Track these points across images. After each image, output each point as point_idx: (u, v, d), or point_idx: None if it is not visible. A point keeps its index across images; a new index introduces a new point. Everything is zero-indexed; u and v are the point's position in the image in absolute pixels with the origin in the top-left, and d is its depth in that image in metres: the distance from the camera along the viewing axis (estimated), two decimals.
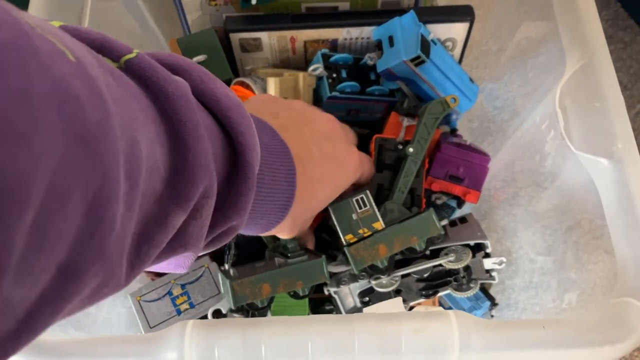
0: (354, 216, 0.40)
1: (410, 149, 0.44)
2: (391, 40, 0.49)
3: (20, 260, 0.15)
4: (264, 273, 0.38)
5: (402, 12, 0.51)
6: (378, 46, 0.50)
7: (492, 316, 0.53)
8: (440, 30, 0.51)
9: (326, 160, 0.37)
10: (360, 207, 0.41)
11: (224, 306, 0.43)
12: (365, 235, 0.40)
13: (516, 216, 0.56)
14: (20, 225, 0.14)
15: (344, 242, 0.40)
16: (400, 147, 0.47)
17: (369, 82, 0.52)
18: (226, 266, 0.44)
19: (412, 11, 0.49)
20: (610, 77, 0.36)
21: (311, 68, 0.51)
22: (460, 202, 0.50)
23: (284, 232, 0.37)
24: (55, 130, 0.15)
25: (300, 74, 0.49)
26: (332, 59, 0.50)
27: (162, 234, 0.23)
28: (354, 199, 0.41)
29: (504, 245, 0.58)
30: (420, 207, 0.46)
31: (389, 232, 0.41)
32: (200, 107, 0.26)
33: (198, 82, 0.27)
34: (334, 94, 0.49)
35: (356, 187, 0.44)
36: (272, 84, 0.48)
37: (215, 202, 0.26)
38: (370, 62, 0.50)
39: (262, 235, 0.38)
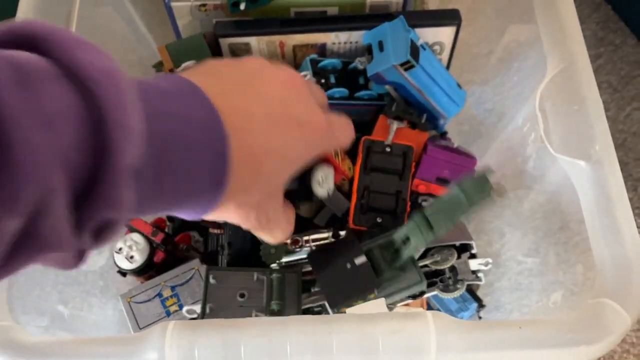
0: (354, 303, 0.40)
1: (429, 235, 0.39)
2: (381, 45, 0.49)
3: None
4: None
5: (390, 16, 0.51)
6: (368, 50, 0.51)
7: (479, 317, 0.53)
8: (427, 34, 0.52)
9: (275, 125, 0.31)
10: None
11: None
12: (356, 303, 0.40)
13: (504, 218, 0.56)
14: None
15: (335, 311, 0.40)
16: (389, 149, 0.47)
17: (358, 86, 0.52)
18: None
19: (401, 16, 0.49)
20: (590, 80, 0.37)
21: (301, 75, 0.51)
22: None
23: (235, 219, 0.31)
24: None
25: None
26: (320, 64, 0.51)
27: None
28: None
29: (493, 247, 0.59)
30: (404, 210, 0.46)
31: (378, 297, 0.41)
32: (48, 84, 0.22)
33: (58, 52, 0.23)
34: None
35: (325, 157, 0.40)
36: None
37: (81, 194, 0.23)
38: (360, 66, 0.51)
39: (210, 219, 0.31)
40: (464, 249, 0.47)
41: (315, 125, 0.33)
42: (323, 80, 0.51)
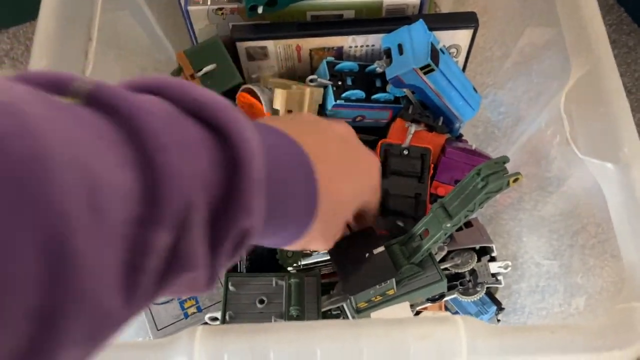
0: (372, 291, 0.40)
1: (448, 224, 0.39)
2: (400, 49, 0.49)
3: None
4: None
5: (406, 19, 0.51)
6: (387, 54, 0.51)
7: (498, 320, 0.53)
8: (444, 37, 0.52)
9: (345, 157, 0.37)
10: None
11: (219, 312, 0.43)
12: (376, 300, 0.40)
13: (521, 221, 0.56)
14: None
15: (355, 308, 0.40)
16: (406, 152, 0.47)
17: (374, 89, 0.52)
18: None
19: (421, 20, 0.49)
20: (616, 82, 0.36)
21: (309, 78, 0.51)
22: None
23: (318, 240, 0.36)
24: None
25: (308, 89, 0.49)
26: (337, 66, 0.51)
27: (149, 259, 0.22)
28: (377, 287, 0.40)
29: (510, 249, 0.58)
30: (424, 212, 0.46)
31: (398, 295, 0.41)
32: (179, 119, 0.25)
33: (179, 95, 0.26)
34: (339, 102, 0.50)
35: (362, 217, 0.43)
36: (280, 96, 0.48)
37: (217, 209, 0.25)
38: (379, 70, 0.51)
39: (294, 249, 0.36)
40: (484, 252, 0.47)
41: (372, 158, 0.40)
42: (340, 83, 0.50)
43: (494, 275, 0.48)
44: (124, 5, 0.52)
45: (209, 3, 0.51)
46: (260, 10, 0.49)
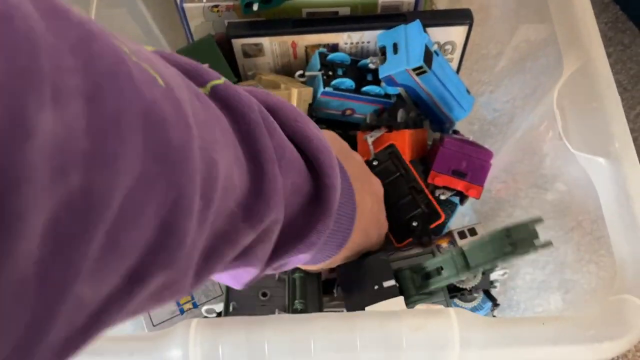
0: None
1: (463, 276, 0.39)
2: (395, 48, 0.49)
3: (94, 264, 0.16)
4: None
5: (401, 16, 0.51)
6: (381, 51, 0.51)
7: (494, 316, 0.53)
8: (439, 34, 0.52)
9: (372, 216, 0.40)
10: None
11: (219, 306, 0.43)
12: None
13: (516, 218, 0.56)
14: (96, 236, 0.15)
15: None
16: (376, 162, 0.47)
17: (366, 82, 0.52)
18: None
19: (417, 21, 0.49)
20: (607, 77, 0.37)
21: (297, 73, 0.51)
22: (463, 198, 0.51)
23: (320, 267, 0.39)
24: (137, 152, 0.16)
25: (295, 90, 0.49)
26: (329, 57, 0.51)
27: (231, 250, 0.24)
28: None
29: None
30: (428, 199, 0.46)
31: None
32: (287, 140, 0.28)
33: (291, 121, 0.28)
34: (328, 89, 0.50)
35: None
36: None
37: (288, 232, 0.28)
38: (372, 66, 0.51)
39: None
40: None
41: (385, 226, 0.44)
42: (331, 73, 0.51)
43: (492, 282, 0.48)
44: (120, 3, 0.53)
45: (204, 0, 0.51)
46: (255, 7, 0.49)
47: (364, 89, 0.52)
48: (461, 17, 0.51)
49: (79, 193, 0.14)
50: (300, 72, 0.52)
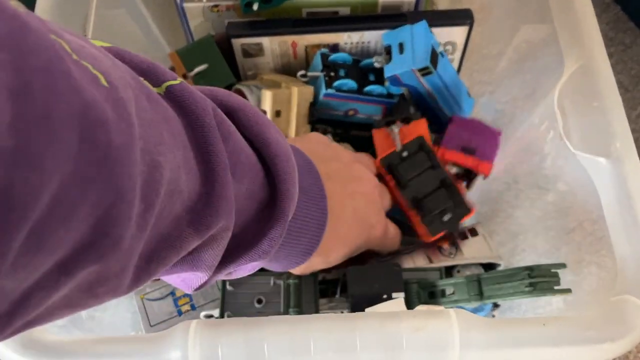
0: None
1: (475, 304, 0.39)
2: (401, 47, 0.49)
3: (16, 260, 0.15)
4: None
5: (402, 16, 0.51)
6: (387, 50, 0.51)
7: (494, 317, 0.53)
8: (440, 34, 0.52)
9: (355, 222, 0.38)
10: None
11: (216, 312, 0.43)
12: None
13: (518, 218, 0.56)
14: (17, 235, 0.15)
15: None
16: (405, 153, 0.46)
17: (368, 83, 0.52)
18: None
19: (424, 21, 0.49)
20: (608, 77, 0.37)
21: (299, 73, 0.51)
22: (472, 177, 0.50)
23: (297, 272, 0.38)
24: (70, 152, 0.16)
25: (295, 89, 0.49)
26: (330, 57, 0.51)
27: (174, 254, 0.23)
28: None
29: (506, 247, 0.59)
30: (458, 193, 0.45)
31: None
32: (245, 144, 0.27)
33: (252, 123, 0.28)
34: (330, 91, 0.50)
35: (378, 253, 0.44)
36: (267, 98, 0.48)
37: (240, 238, 0.27)
38: (377, 65, 0.51)
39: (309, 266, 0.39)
40: (490, 267, 0.46)
41: (379, 229, 0.41)
42: (332, 74, 0.51)
43: None
44: (120, 4, 0.53)
45: (204, 0, 0.51)
46: (255, 7, 0.49)
47: (367, 89, 0.52)
48: (462, 17, 0.51)
49: None
50: (302, 72, 0.51)
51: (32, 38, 0.15)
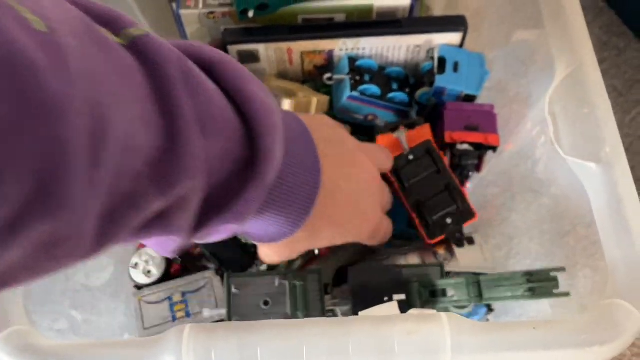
0: None
1: (473, 304, 0.39)
2: (456, 66, 0.51)
3: None
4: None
5: (397, 23, 0.52)
6: (440, 61, 0.51)
7: (488, 321, 0.53)
8: (434, 41, 0.52)
9: (348, 205, 0.36)
10: None
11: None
12: None
13: (513, 222, 0.57)
14: None
15: None
16: (412, 157, 0.47)
17: (390, 90, 0.53)
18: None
19: (483, 55, 0.52)
20: (598, 83, 0.37)
21: (326, 76, 0.52)
22: (482, 154, 0.51)
23: (275, 254, 0.36)
24: (2, 98, 0.15)
25: (314, 98, 0.50)
26: (357, 62, 0.52)
27: (136, 215, 0.22)
28: None
29: (502, 250, 0.59)
30: (463, 198, 0.45)
31: None
32: (220, 98, 0.25)
33: (231, 77, 0.26)
34: (354, 93, 0.51)
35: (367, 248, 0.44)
36: (287, 107, 0.49)
37: (215, 199, 0.26)
38: (427, 68, 0.52)
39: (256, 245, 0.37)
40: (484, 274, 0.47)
41: (372, 222, 0.39)
42: (358, 78, 0.51)
43: None
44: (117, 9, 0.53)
45: (200, 7, 0.52)
46: (251, 14, 0.50)
47: (390, 95, 0.52)
48: (455, 23, 0.52)
49: None
50: (329, 75, 0.52)
51: None
